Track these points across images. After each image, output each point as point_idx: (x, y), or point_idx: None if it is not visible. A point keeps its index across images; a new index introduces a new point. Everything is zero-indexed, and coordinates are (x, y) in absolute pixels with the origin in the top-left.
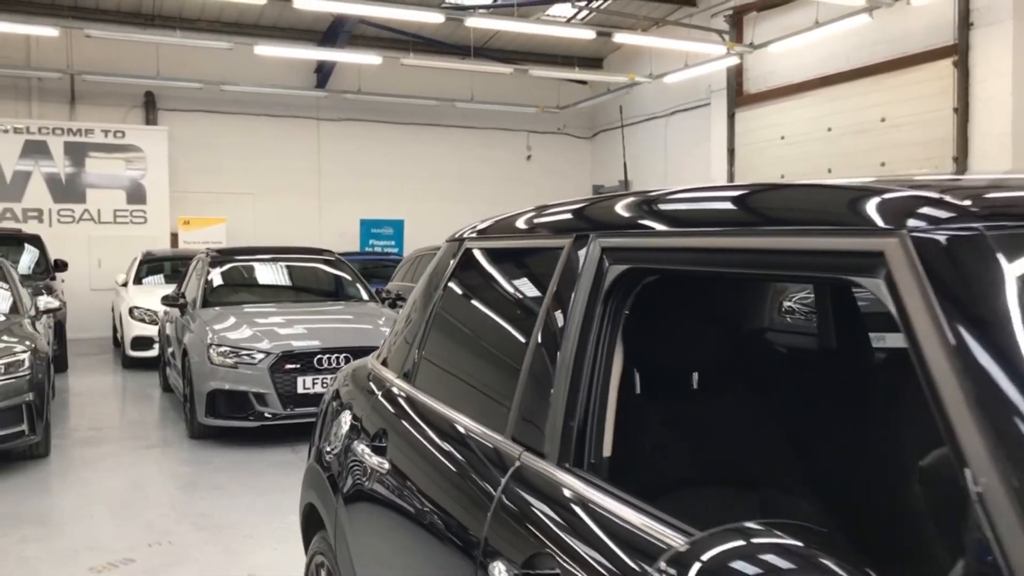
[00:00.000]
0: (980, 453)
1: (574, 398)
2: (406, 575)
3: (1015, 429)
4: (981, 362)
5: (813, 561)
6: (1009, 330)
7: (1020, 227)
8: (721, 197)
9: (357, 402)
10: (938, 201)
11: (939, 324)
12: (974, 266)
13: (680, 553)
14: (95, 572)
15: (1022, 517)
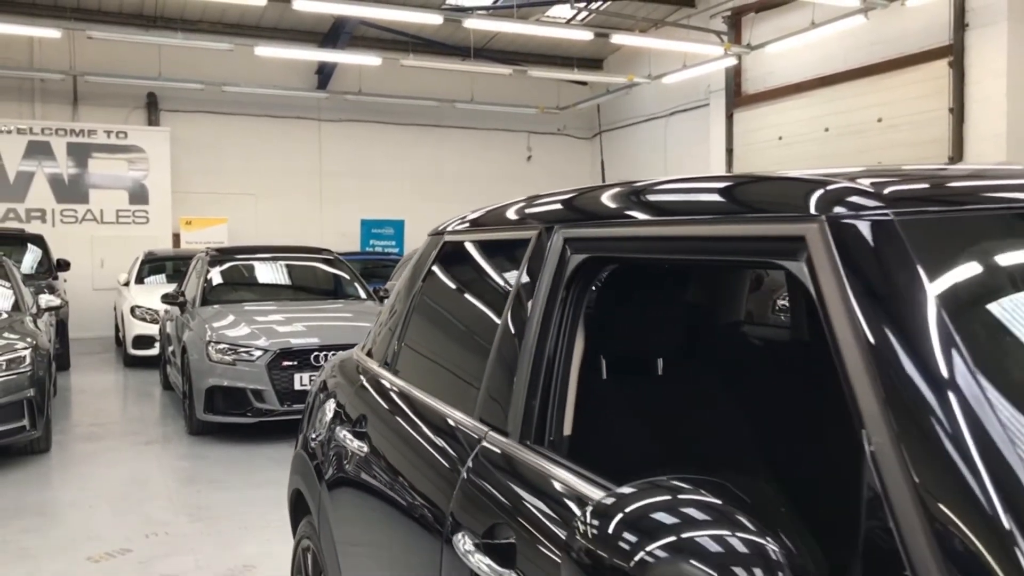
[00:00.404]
0: (875, 416)
1: (536, 379)
2: (381, 553)
3: (904, 395)
4: (880, 337)
5: (728, 516)
6: (908, 308)
7: (924, 213)
8: (667, 189)
9: (341, 391)
10: (853, 190)
11: (848, 302)
12: (883, 248)
13: (605, 505)
14: (93, 561)
15: (905, 471)
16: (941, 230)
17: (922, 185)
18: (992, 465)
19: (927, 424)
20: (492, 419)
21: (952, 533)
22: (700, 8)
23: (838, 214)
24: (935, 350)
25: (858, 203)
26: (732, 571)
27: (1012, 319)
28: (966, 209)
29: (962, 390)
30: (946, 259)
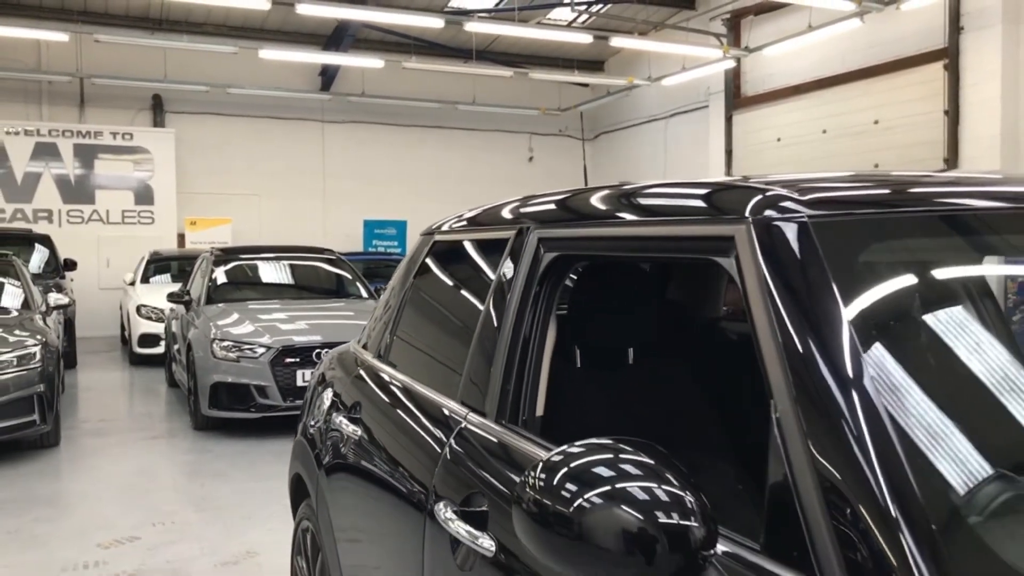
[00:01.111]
0: (780, 389)
1: (511, 365)
2: (373, 528)
3: (802, 372)
4: (786, 322)
5: (657, 472)
6: (812, 298)
7: (836, 216)
8: (623, 194)
9: (338, 381)
10: (776, 196)
11: (764, 293)
12: (796, 247)
13: (553, 462)
14: (103, 548)
15: (801, 432)
16: (850, 231)
17: (841, 192)
18: (868, 426)
19: (820, 395)
20: (472, 402)
21: (834, 478)
22: (700, 10)
23: (761, 217)
24: (830, 334)
25: (779, 207)
26: (654, 515)
27: (902, 308)
28: (876, 213)
29: (849, 368)
30: (851, 256)
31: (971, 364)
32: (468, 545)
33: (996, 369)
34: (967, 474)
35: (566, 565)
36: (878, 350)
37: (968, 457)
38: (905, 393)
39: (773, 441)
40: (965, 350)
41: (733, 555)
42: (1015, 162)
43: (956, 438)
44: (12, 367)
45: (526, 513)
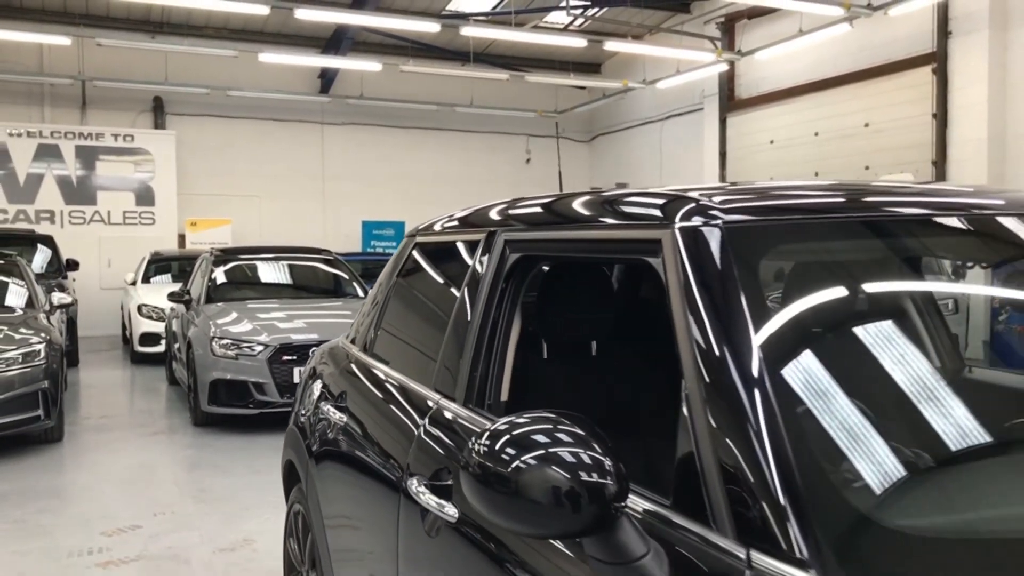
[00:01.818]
0: (689, 368)
1: (478, 355)
2: (355, 505)
3: (705, 355)
4: (703, 313)
5: (584, 441)
6: (721, 293)
7: (747, 222)
8: (574, 202)
9: (327, 373)
10: (698, 205)
11: (682, 287)
12: (711, 249)
13: (498, 429)
14: (106, 536)
15: (705, 410)
16: (759, 235)
17: (755, 202)
18: (759, 405)
19: (720, 377)
20: (444, 388)
21: (728, 448)
22: (695, 14)
23: (683, 222)
24: (732, 325)
25: (699, 214)
26: (578, 474)
27: (799, 303)
28: (783, 219)
29: (746, 354)
30: (758, 256)
31: (855, 350)
32: (435, 514)
33: (879, 353)
34: (840, 445)
35: (504, 518)
36: (773, 339)
37: (843, 432)
38: (792, 376)
39: (682, 416)
40: (851, 338)
41: (650, 511)
42: (1002, 165)
43: (834, 415)
44: (17, 364)
45: (471, 476)
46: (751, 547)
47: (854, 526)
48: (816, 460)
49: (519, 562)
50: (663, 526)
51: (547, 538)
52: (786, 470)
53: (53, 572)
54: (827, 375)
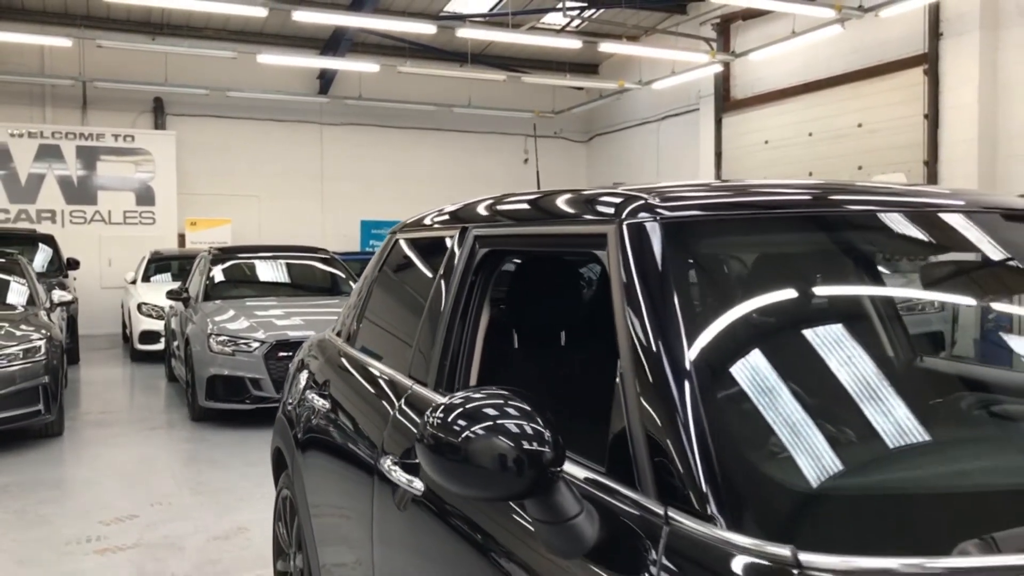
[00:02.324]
0: (625, 352)
1: (448, 343)
2: (336, 484)
3: (638, 337)
4: (639, 301)
5: (529, 414)
6: (659, 284)
7: (683, 218)
8: (534, 200)
9: (313, 363)
10: (639, 203)
11: (623, 277)
12: (650, 242)
13: (453, 403)
14: (104, 525)
15: (635, 388)
16: (693, 229)
17: (699, 199)
18: (683, 383)
19: (650, 358)
20: (417, 374)
21: (651, 417)
22: (691, 15)
23: (625, 219)
24: (661, 312)
25: (642, 211)
26: (521, 443)
27: (725, 290)
28: (716, 215)
29: (672, 338)
30: (692, 248)
31: (776, 335)
32: (404, 488)
33: (798, 338)
34: (750, 420)
35: (455, 483)
36: (699, 326)
37: (753, 408)
38: (712, 359)
39: (616, 394)
40: (773, 324)
41: (589, 478)
42: (992, 165)
43: (747, 394)
44: (18, 360)
45: (426, 446)
46: (669, 506)
47: (755, 487)
48: (727, 433)
49: (477, 528)
50: (599, 490)
51: (493, 500)
52: (700, 441)
53: (52, 558)
54: (745, 359)
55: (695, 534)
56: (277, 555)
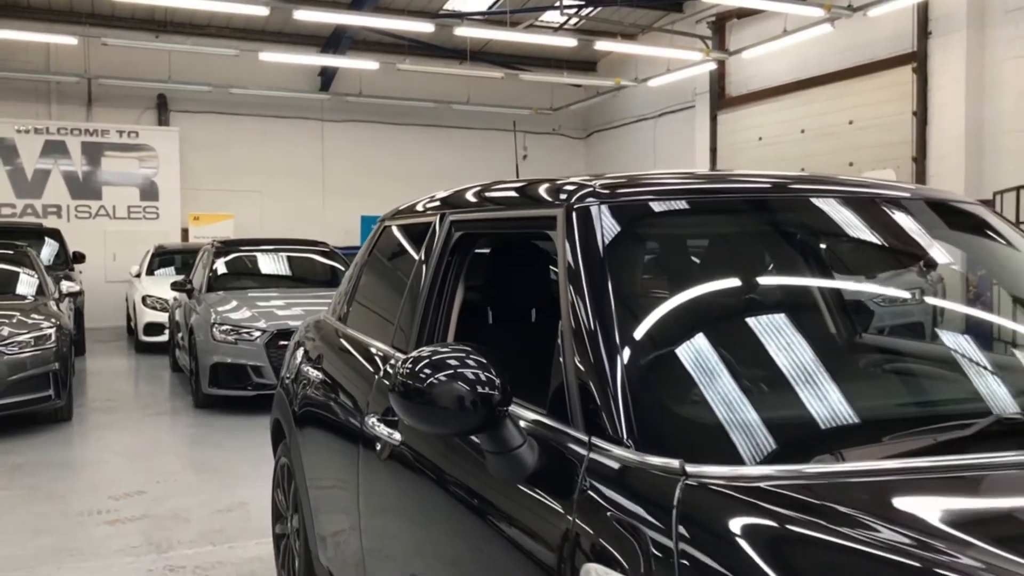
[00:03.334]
0: (565, 312)
1: (426, 316)
2: (326, 448)
3: (579, 301)
4: (580, 272)
5: (484, 365)
6: (595, 257)
7: (618, 202)
8: (498, 188)
9: (308, 342)
10: (583, 190)
11: (568, 253)
12: (592, 223)
13: (420, 355)
14: (113, 499)
15: (571, 343)
16: (628, 212)
17: (636, 187)
18: (611, 338)
19: (586, 317)
20: (399, 344)
21: (581, 367)
22: (687, 13)
23: (570, 203)
24: (593, 280)
25: (583, 196)
26: (475, 387)
27: (649, 264)
28: (650, 199)
29: (601, 301)
30: (627, 228)
31: (693, 295)
32: (385, 440)
33: (712, 301)
34: (660, 367)
35: (420, 422)
36: (626, 291)
37: (663, 357)
38: (633, 320)
39: (557, 350)
40: (693, 287)
41: (534, 419)
42: (979, 162)
43: (660, 346)
44: (29, 347)
45: (396, 393)
46: (592, 435)
47: (658, 419)
48: (638, 379)
49: (442, 470)
50: (541, 428)
51: (452, 435)
52: (618, 386)
53: (66, 527)
54: (657, 322)
55: (610, 455)
56: (276, 519)
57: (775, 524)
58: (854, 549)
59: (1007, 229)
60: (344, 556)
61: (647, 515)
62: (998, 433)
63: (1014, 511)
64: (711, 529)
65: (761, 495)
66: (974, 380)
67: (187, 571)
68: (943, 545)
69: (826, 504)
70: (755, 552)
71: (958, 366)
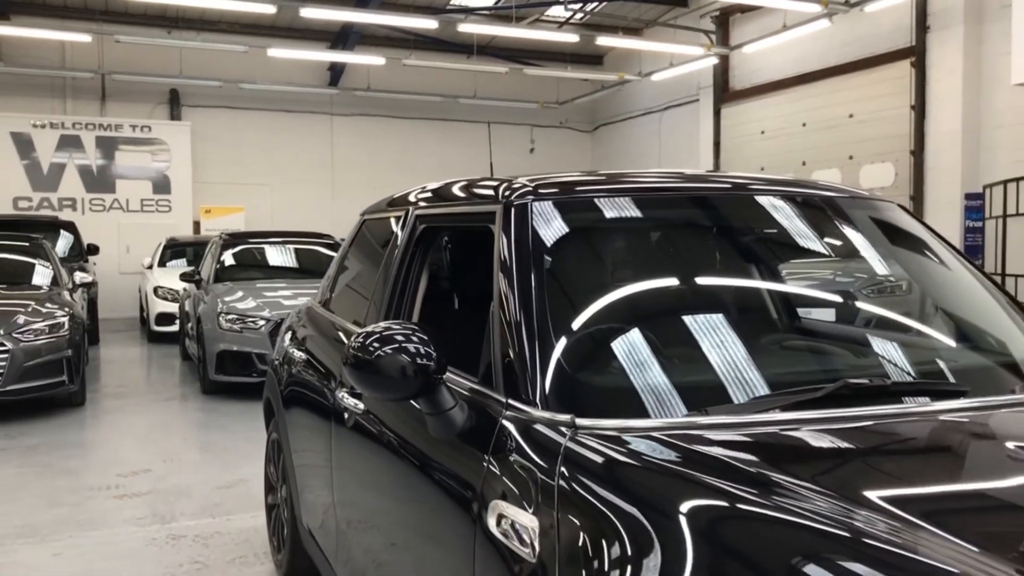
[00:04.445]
0: (496, 293)
1: (392, 301)
2: (307, 421)
3: (507, 283)
4: (506, 259)
5: (424, 340)
6: (525, 248)
7: (548, 197)
8: (450, 185)
9: (295, 326)
10: (518, 188)
11: (503, 246)
12: (524, 219)
13: (371, 331)
14: (121, 476)
15: (500, 321)
16: (556, 207)
17: (557, 188)
18: (527, 314)
19: (513, 297)
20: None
21: (505, 340)
22: (691, 8)
23: (507, 200)
24: (520, 266)
25: (522, 193)
26: (416, 359)
27: (578, 252)
28: (573, 196)
29: (524, 283)
30: (554, 221)
31: (602, 281)
32: (351, 410)
33: (627, 284)
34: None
35: (369, 389)
36: (548, 276)
37: (574, 332)
38: (550, 302)
39: (488, 327)
40: (603, 275)
41: (468, 386)
42: (975, 154)
43: (569, 325)
44: (44, 334)
45: (348, 365)
46: (510, 397)
47: (561, 383)
48: (548, 349)
49: (395, 431)
50: (473, 393)
51: (396, 400)
52: (530, 356)
53: (77, 501)
54: (570, 303)
55: (521, 413)
56: (267, 491)
57: (635, 463)
58: (694, 477)
59: (916, 227)
60: (322, 518)
61: (540, 459)
62: (845, 396)
63: (830, 452)
64: (585, 467)
65: (629, 441)
66: (843, 355)
67: (188, 539)
68: (772, 472)
69: (683, 448)
70: (615, 484)
71: (837, 341)
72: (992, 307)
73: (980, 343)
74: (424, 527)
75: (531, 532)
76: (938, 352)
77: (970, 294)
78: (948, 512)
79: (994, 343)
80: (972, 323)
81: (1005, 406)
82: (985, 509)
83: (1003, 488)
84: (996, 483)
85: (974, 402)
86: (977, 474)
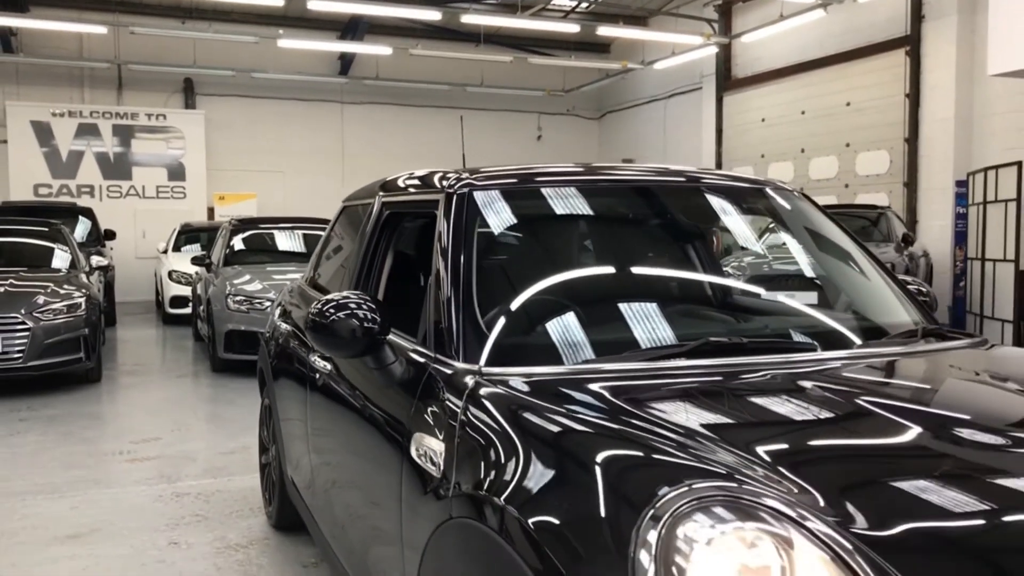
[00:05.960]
0: (434, 269)
1: (360, 274)
2: (289, 385)
3: (445, 259)
4: (446, 240)
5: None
6: (461, 231)
7: (487, 187)
8: (411, 176)
9: (285, 302)
10: (460, 178)
11: (443, 228)
12: (462, 206)
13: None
14: (133, 443)
15: (436, 292)
16: (492, 195)
17: (490, 177)
18: (457, 284)
19: (440, 272)
20: None
21: (435, 307)
22: None
23: (449, 189)
24: (456, 246)
25: (459, 184)
26: (363, 322)
27: (503, 237)
28: (508, 185)
29: (454, 259)
30: (490, 208)
31: (523, 257)
32: (321, 371)
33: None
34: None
35: (325, 347)
36: (480, 255)
37: (495, 296)
38: (475, 273)
39: (426, 295)
40: (525, 253)
41: (409, 347)
42: (967, 142)
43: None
44: (63, 314)
45: (308, 328)
46: (438, 353)
47: (476, 341)
48: (470, 312)
49: (355, 386)
50: (411, 352)
51: (348, 357)
52: (454, 319)
53: (92, 464)
54: (493, 274)
55: (444, 364)
56: (261, 452)
57: (524, 399)
58: (558, 407)
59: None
60: (302, 469)
61: (452, 398)
62: (708, 350)
63: (678, 392)
64: (479, 402)
65: (516, 384)
66: (723, 320)
67: (191, 496)
68: (624, 404)
69: (555, 387)
70: (500, 413)
71: (724, 310)
72: (863, 280)
73: (841, 308)
74: (369, 457)
75: (439, 454)
76: (802, 317)
77: (847, 269)
78: (769, 437)
79: (858, 309)
80: (842, 292)
81: (846, 359)
82: (789, 432)
83: (817, 419)
84: (814, 415)
85: (818, 356)
86: (799, 410)
